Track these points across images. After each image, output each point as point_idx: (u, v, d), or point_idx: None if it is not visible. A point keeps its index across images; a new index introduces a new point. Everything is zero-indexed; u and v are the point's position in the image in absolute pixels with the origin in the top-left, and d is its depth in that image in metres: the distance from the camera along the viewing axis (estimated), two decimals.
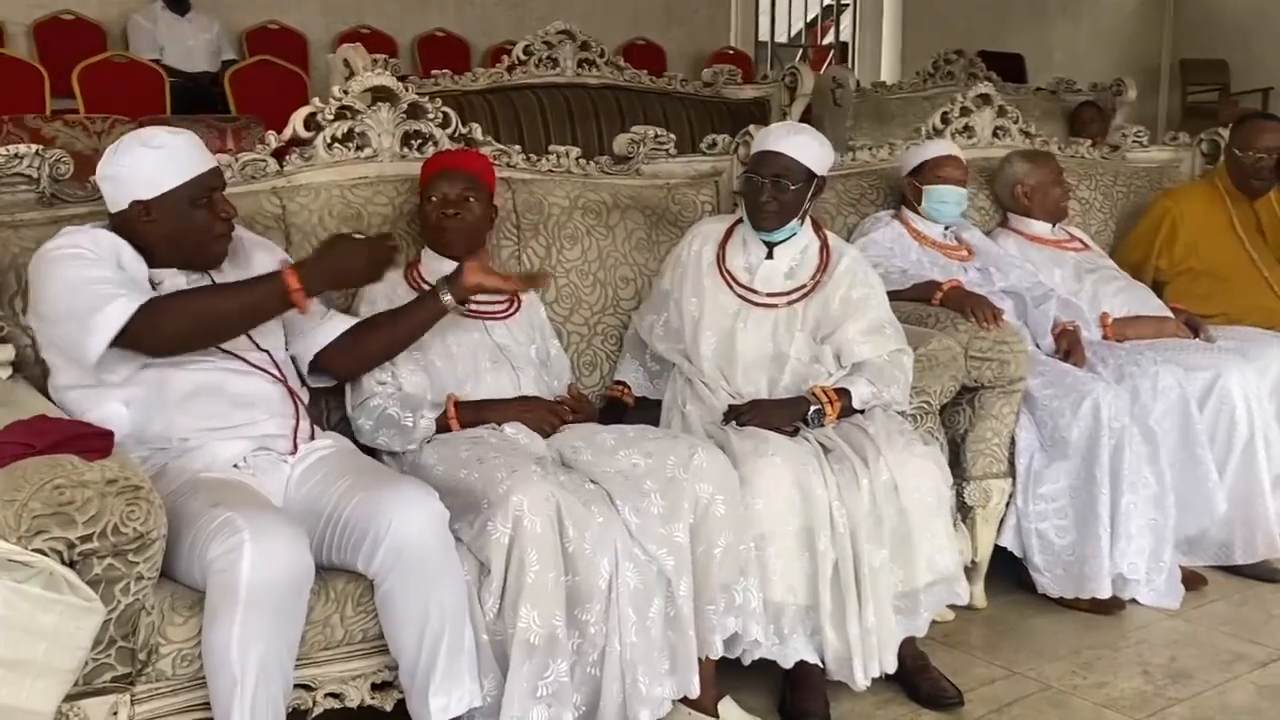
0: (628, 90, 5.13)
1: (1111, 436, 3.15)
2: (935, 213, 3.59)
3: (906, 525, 2.65)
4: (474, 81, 4.89)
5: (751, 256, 2.98)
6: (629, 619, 2.35)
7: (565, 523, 2.30)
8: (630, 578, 2.36)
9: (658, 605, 2.40)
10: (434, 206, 2.76)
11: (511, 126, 4.73)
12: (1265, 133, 4.04)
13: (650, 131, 3.45)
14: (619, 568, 2.35)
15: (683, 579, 2.41)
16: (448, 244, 2.77)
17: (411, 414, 2.59)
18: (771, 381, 2.88)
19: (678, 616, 2.41)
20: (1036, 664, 2.91)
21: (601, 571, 2.33)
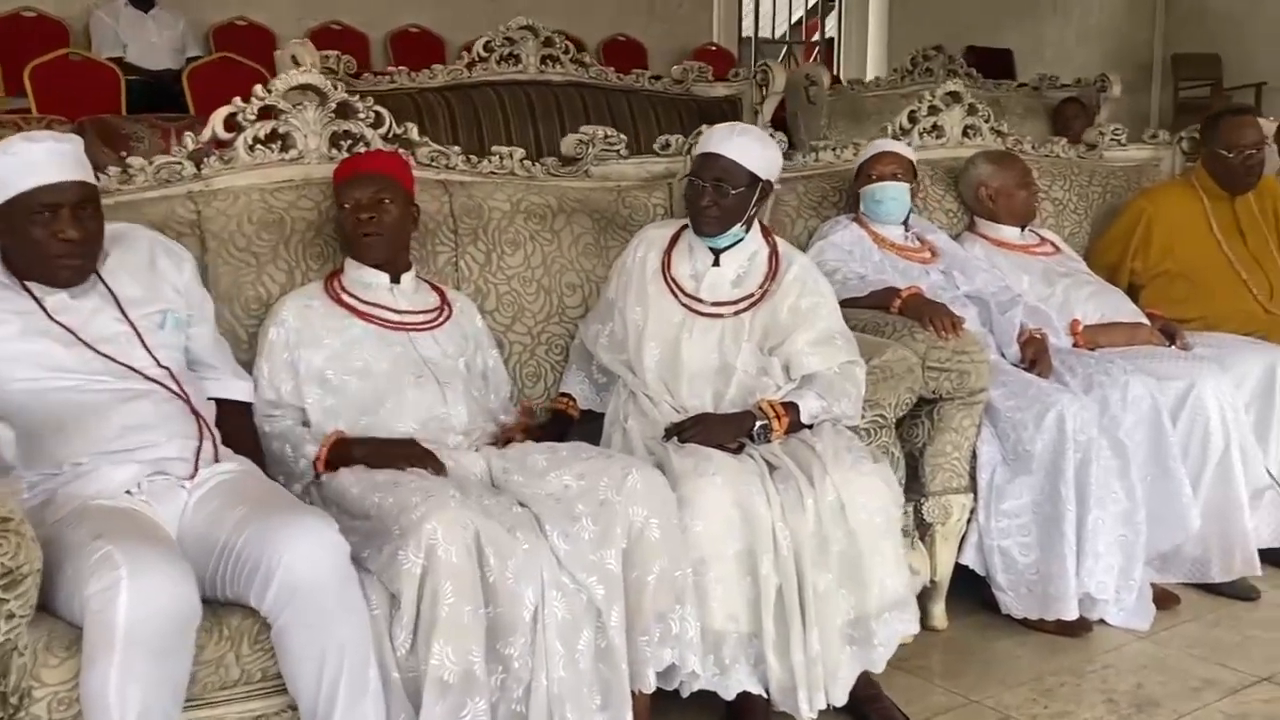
0: (593, 88, 4.98)
1: (1077, 450, 3.01)
2: (873, 213, 3.46)
3: (855, 548, 2.51)
4: (432, 79, 4.74)
5: (697, 263, 2.84)
6: (556, 652, 2.22)
7: (485, 551, 2.16)
8: (557, 608, 2.23)
9: (587, 637, 2.26)
10: (348, 214, 2.62)
11: (471, 125, 4.59)
12: (1248, 128, 3.90)
13: (600, 131, 3.31)
14: (545, 598, 2.22)
15: (614, 608, 2.27)
16: (367, 251, 2.63)
17: (294, 452, 2.48)
18: (717, 395, 2.75)
19: (609, 648, 2.27)
20: (996, 691, 2.77)
21: (526, 602, 2.20)
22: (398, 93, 4.59)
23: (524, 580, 2.19)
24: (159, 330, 2.37)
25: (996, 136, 4.14)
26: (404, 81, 4.69)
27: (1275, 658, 2.93)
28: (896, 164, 3.49)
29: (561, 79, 4.95)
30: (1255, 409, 3.42)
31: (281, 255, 2.74)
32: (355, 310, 2.62)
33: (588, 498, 2.32)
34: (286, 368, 2.56)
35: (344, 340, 2.58)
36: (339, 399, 2.54)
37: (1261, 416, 3.42)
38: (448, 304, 2.75)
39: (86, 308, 2.30)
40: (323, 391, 2.54)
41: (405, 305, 2.67)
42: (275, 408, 2.55)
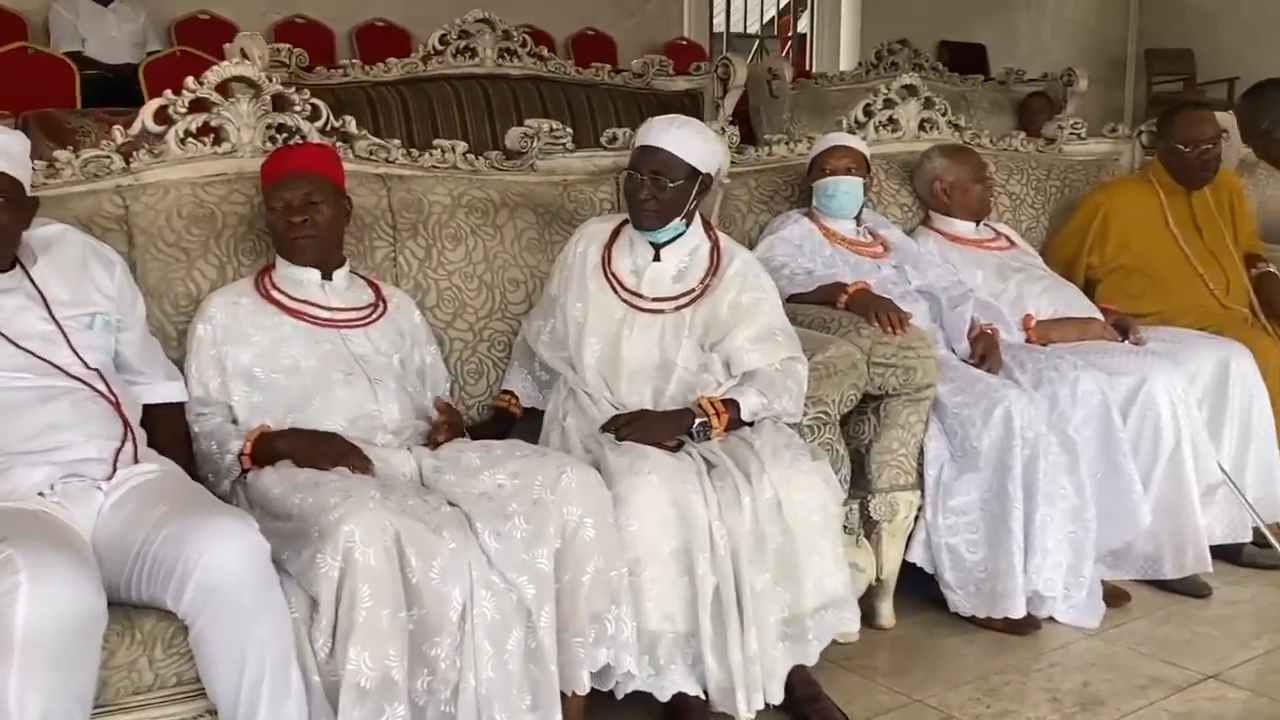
0: (551, 82, 4.93)
1: (1025, 446, 2.99)
2: (825, 208, 3.42)
3: (792, 546, 2.48)
4: (386, 72, 4.67)
5: (638, 258, 2.79)
6: (485, 652, 2.18)
7: (407, 552, 2.11)
8: (486, 608, 2.19)
9: (517, 637, 2.22)
10: (278, 215, 2.56)
11: (425, 120, 4.53)
12: (1205, 122, 3.88)
13: (545, 125, 3.27)
14: (473, 598, 2.18)
15: (545, 608, 2.23)
16: (299, 253, 2.58)
17: (219, 449, 2.43)
18: (657, 391, 2.71)
19: (539, 649, 2.23)
20: (940, 690, 2.74)
21: (452, 603, 2.16)
22: (350, 86, 4.53)
23: (450, 580, 2.15)
24: (87, 331, 2.32)
25: (953, 130, 4.12)
26: (357, 75, 4.62)
27: (1224, 655, 2.91)
28: (850, 158, 3.45)
29: (519, 73, 4.89)
30: (1208, 404, 3.40)
31: (212, 250, 2.69)
32: (284, 307, 2.57)
33: (521, 496, 2.28)
34: (214, 364, 2.51)
35: (272, 338, 2.53)
36: (266, 396, 2.49)
37: (1214, 412, 3.40)
38: (383, 300, 2.70)
39: (10, 305, 2.25)
40: (250, 389, 2.49)
41: (337, 302, 2.62)
42: (204, 405, 2.50)
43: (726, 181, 3.43)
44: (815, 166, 3.48)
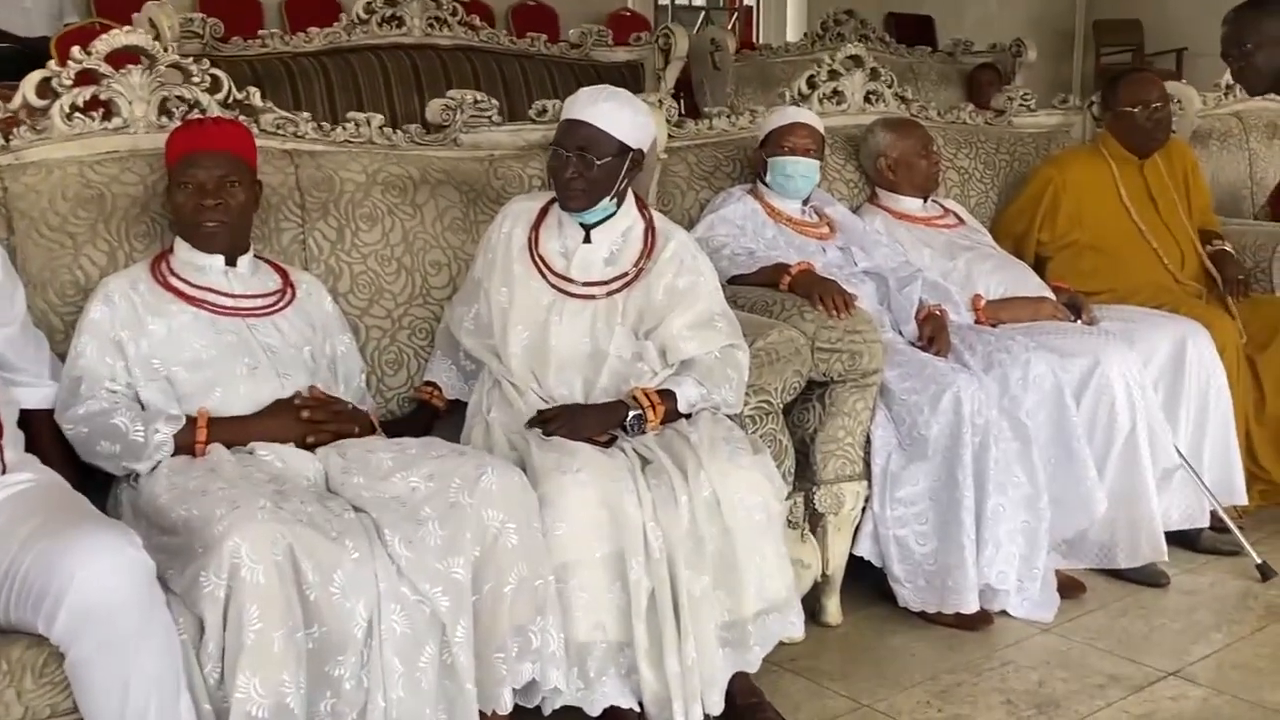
0: (484, 52, 4.72)
1: (975, 433, 2.85)
2: (780, 187, 3.26)
3: (731, 547, 2.32)
4: (308, 42, 4.44)
5: (567, 240, 2.61)
6: (394, 670, 2.01)
7: (303, 566, 1.93)
8: (396, 623, 2.02)
9: (430, 653, 2.05)
10: (189, 196, 2.35)
11: (349, 93, 4.31)
12: (1149, 84, 3.76)
13: (469, 96, 3.07)
14: (381, 612, 2.01)
15: (460, 621, 2.06)
16: (209, 240, 2.37)
17: (144, 426, 2.20)
18: (587, 383, 2.53)
19: (454, 665, 2.07)
20: (889, 693, 2.60)
21: (356, 618, 1.99)
22: (269, 58, 4.30)
23: (353, 594, 1.98)
24: None
25: (900, 103, 3.96)
26: (277, 46, 4.38)
27: (1184, 649, 2.80)
28: (810, 138, 3.29)
29: (449, 43, 4.67)
30: (1164, 385, 3.28)
31: (101, 235, 2.48)
32: (183, 295, 2.36)
33: (436, 500, 2.11)
34: (114, 346, 2.29)
35: (171, 327, 2.32)
36: (165, 389, 2.28)
37: (1170, 393, 3.28)
38: (291, 286, 2.50)
39: None
40: (147, 380, 2.28)
41: (241, 289, 2.41)
42: (99, 385, 2.26)
43: (663, 157, 3.27)
44: (772, 140, 3.30)
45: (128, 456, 2.19)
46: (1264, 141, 4.88)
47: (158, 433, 2.19)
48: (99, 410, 2.23)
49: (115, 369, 2.28)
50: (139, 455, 2.18)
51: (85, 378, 2.26)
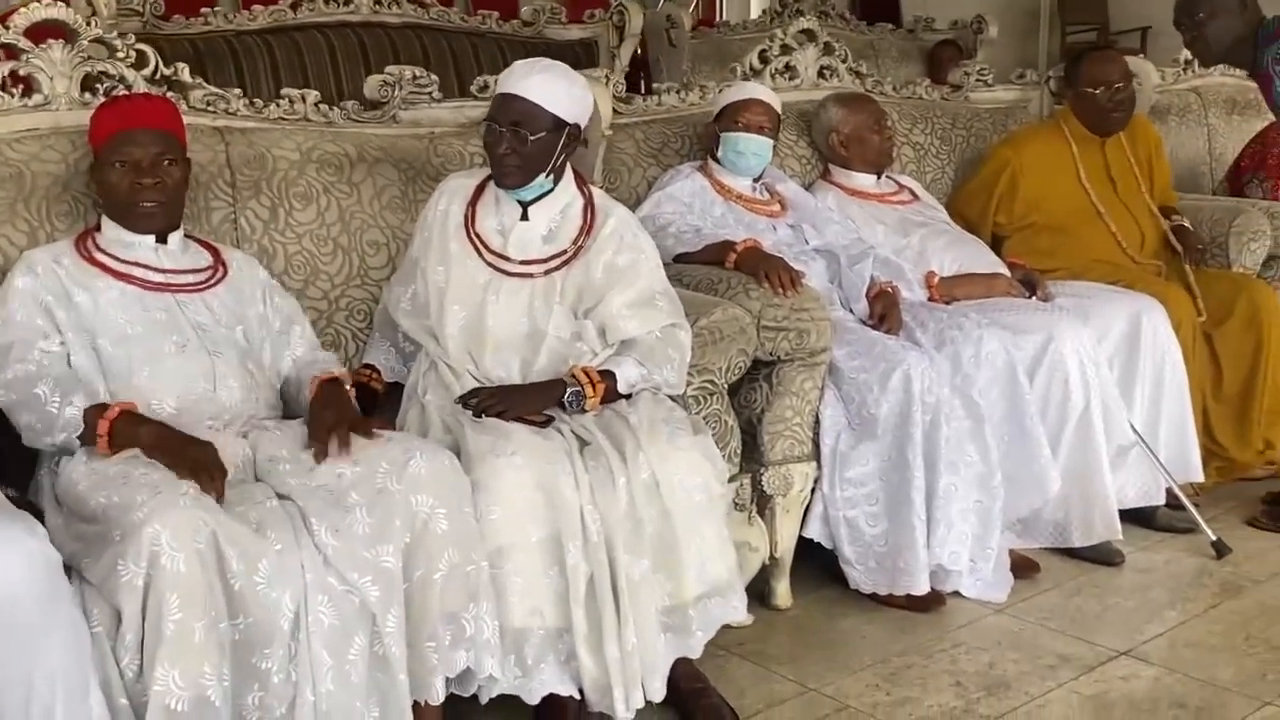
0: (434, 30, 4.62)
1: (925, 412, 2.80)
2: (732, 164, 3.20)
3: (671, 530, 2.27)
4: (251, 20, 4.34)
5: (504, 218, 2.54)
6: (323, 663, 1.95)
7: (226, 555, 1.87)
8: (324, 614, 1.96)
9: (360, 644, 1.99)
10: (123, 175, 2.26)
11: (295, 72, 4.22)
12: (1114, 63, 3.71)
13: (408, 72, 3.00)
14: (308, 603, 1.94)
15: (390, 611, 2.01)
16: (143, 221, 2.29)
17: (60, 399, 2.10)
18: (525, 364, 2.47)
19: (385, 656, 2.01)
20: (837, 677, 2.55)
21: (283, 609, 1.93)
22: (212, 36, 4.20)
23: (278, 584, 1.92)
24: None
25: (854, 78, 3.91)
26: (220, 23, 4.28)
27: (1137, 628, 2.76)
28: (766, 116, 3.23)
29: (398, 20, 4.58)
30: (1119, 362, 3.24)
31: (21, 214, 2.40)
32: (110, 270, 2.27)
33: (363, 486, 2.05)
34: (43, 310, 2.20)
35: (98, 302, 2.23)
36: (88, 365, 2.19)
37: (1126, 370, 3.25)
38: (222, 264, 2.41)
39: None
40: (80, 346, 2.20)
41: (171, 265, 2.33)
42: (30, 348, 2.16)
43: (608, 133, 3.20)
44: (727, 115, 3.24)
45: (43, 429, 2.09)
46: (1223, 117, 4.85)
47: (70, 406, 2.09)
48: (24, 376, 2.13)
49: (48, 328, 2.19)
50: (51, 428, 2.09)
51: (16, 342, 2.16)
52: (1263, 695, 2.44)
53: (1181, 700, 2.44)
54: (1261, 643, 2.67)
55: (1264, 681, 2.50)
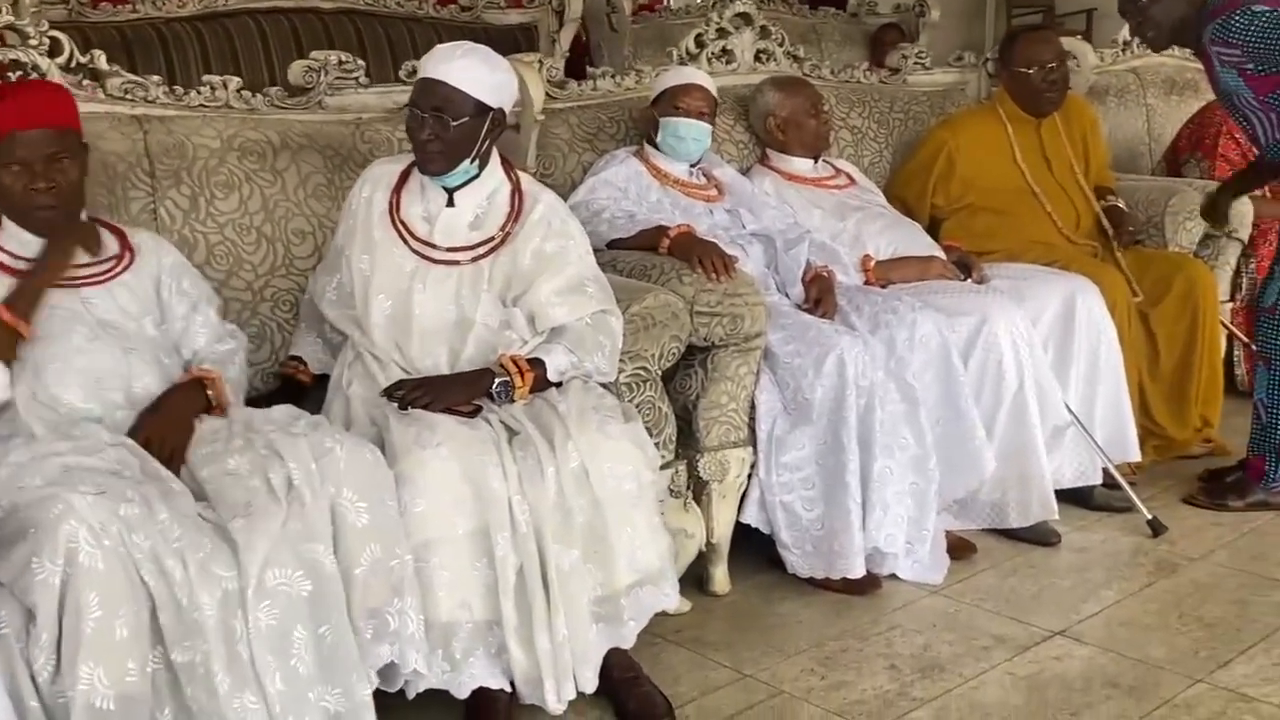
0: (369, 15, 4.56)
1: (860, 395, 2.80)
2: (670, 149, 3.18)
3: (601, 519, 2.25)
4: (181, 7, 4.25)
5: (430, 204, 2.50)
6: (268, 666, 1.93)
7: (146, 551, 1.83)
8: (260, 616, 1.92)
9: (302, 636, 1.97)
10: (15, 178, 2.17)
11: (226, 60, 4.14)
12: (1047, 43, 3.71)
13: (333, 57, 2.95)
14: (245, 605, 1.91)
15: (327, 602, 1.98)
16: (42, 222, 2.21)
17: None
18: (453, 353, 2.43)
19: (335, 642, 1.99)
20: (772, 662, 2.54)
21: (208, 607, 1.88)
22: (140, 24, 4.11)
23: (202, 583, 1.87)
24: None
25: (792, 61, 3.89)
26: (148, 11, 4.19)
27: (1071, 608, 2.77)
28: (705, 101, 3.21)
29: (332, 6, 4.51)
30: (1054, 343, 3.25)
31: None
32: (6, 267, 2.21)
33: (282, 480, 2.01)
34: None
35: None
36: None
37: (1061, 351, 3.25)
38: (129, 248, 2.34)
39: None
40: None
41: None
42: None
43: (540, 118, 3.17)
44: (666, 100, 3.20)
45: None
46: (1161, 97, 4.88)
47: None
48: None
49: None
50: None
51: None
52: (1194, 673, 2.45)
53: (1114, 679, 2.44)
54: (1194, 620, 2.69)
55: (1196, 659, 2.51)
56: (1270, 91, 3.05)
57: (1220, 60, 3.10)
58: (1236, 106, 3.17)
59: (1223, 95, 3.23)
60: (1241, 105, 3.14)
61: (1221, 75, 3.13)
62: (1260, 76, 3.04)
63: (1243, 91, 3.10)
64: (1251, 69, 3.04)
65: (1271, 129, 3.11)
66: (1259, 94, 3.07)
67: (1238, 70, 3.07)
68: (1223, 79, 3.14)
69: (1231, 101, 3.18)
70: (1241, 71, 3.06)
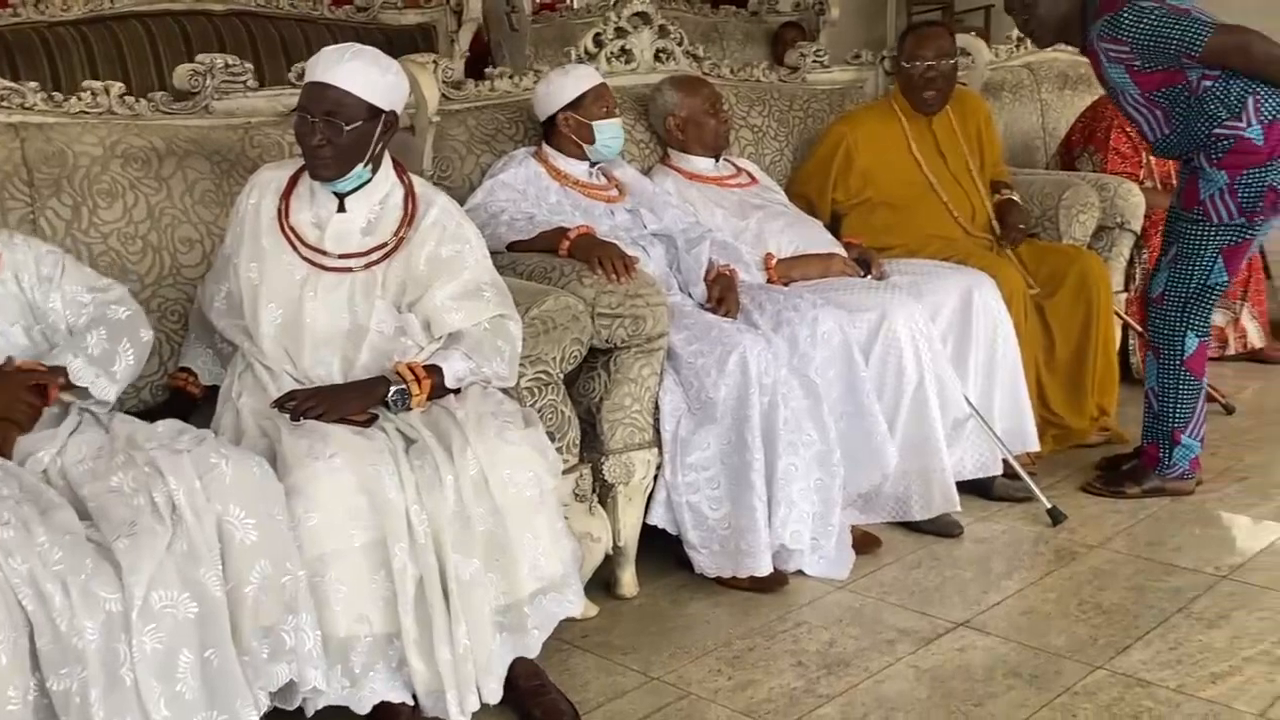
0: (262, 17, 4.47)
1: (763, 393, 2.80)
2: (607, 150, 3.18)
3: (502, 527, 2.22)
4: (65, 11, 4.13)
5: (320, 210, 2.44)
6: (153, 692, 1.86)
7: (23, 573, 1.76)
8: (145, 640, 1.85)
9: (188, 660, 1.90)
10: None
11: (113, 65, 4.03)
12: (928, 40, 3.72)
13: (220, 60, 2.88)
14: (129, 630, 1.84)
15: (214, 625, 1.92)
16: None
17: None
18: (346, 362, 2.38)
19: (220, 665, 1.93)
20: (680, 664, 2.53)
21: (89, 634, 1.81)
22: (22, 28, 3.99)
23: (84, 609, 1.80)
24: None
25: (691, 60, 3.89)
26: (30, 14, 4.06)
27: (974, 599, 2.80)
28: (612, 99, 3.21)
29: (223, 8, 4.42)
30: (953, 337, 3.29)
31: None
32: None
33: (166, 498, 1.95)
34: None
35: None
36: None
37: (959, 344, 3.30)
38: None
39: None
40: None
41: None
42: None
43: (435, 120, 3.13)
44: (589, 104, 3.16)
45: None
46: (1055, 92, 4.97)
47: None
48: None
49: None
50: None
51: None
52: (1093, 660, 2.49)
53: (1016, 669, 2.47)
54: (1093, 607, 2.73)
55: (1095, 646, 2.55)
56: (1156, 88, 3.11)
57: (1108, 56, 3.16)
58: (1124, 104, 3.24)
59: (1110, 92, 3.29)
60: (1127, 103, 3.21)
61: (1109, 72, 3.20)
62: (1146, 73, 3.10)
63: (1129, 89, 3.16)
64: (1139, 65, 3.10)
65: (1159, 125, 3.18)
66: (1144, 90, 3.13)
67: (1125, 67, 3.13)
68: (1110, 76, 3.20)
69: (1119, 98, 3.25)
70: (1129, 68, 3.12)
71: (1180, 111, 3.11)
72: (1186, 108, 3.09)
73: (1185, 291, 3.19)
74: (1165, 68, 3.07)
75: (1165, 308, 3.24)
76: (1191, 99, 3.08)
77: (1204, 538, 3.09)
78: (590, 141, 3.17)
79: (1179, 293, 3.20)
